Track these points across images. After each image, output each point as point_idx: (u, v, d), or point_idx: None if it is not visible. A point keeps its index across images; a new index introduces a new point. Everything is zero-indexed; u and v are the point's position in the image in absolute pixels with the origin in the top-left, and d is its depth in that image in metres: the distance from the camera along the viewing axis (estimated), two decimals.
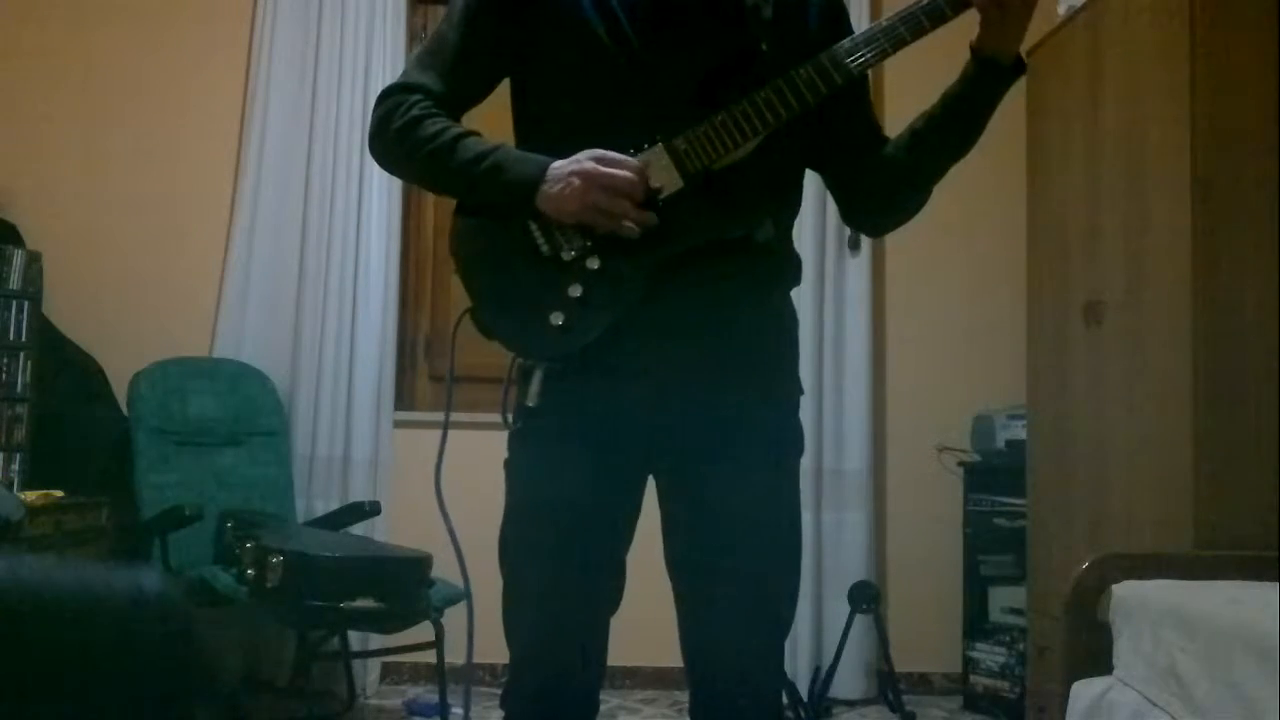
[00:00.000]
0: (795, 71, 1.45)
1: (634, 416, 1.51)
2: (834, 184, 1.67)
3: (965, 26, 1.48)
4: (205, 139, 4.00)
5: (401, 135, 1.52)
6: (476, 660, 1.70)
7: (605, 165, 1.44)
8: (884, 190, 1.61)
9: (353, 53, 3.90)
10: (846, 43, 1.46)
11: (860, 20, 3.85)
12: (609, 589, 1.57)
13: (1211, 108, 2.55)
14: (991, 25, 1.44)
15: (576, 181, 1.43)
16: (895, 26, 1.44)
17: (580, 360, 1.49)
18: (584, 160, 1.45)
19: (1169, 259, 2.62)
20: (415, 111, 1.52)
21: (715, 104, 1.47)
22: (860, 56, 1.45)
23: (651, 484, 1.60)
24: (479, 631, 1.67)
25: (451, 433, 1.63)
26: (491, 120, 1.69)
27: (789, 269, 1.61)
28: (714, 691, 1.56)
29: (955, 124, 1.53)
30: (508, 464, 1.58)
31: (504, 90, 1.63)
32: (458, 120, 1.56)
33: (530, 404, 1.51)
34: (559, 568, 1.52)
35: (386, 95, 1.56)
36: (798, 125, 1.48)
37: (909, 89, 1.84)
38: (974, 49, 1.48)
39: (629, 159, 1.46)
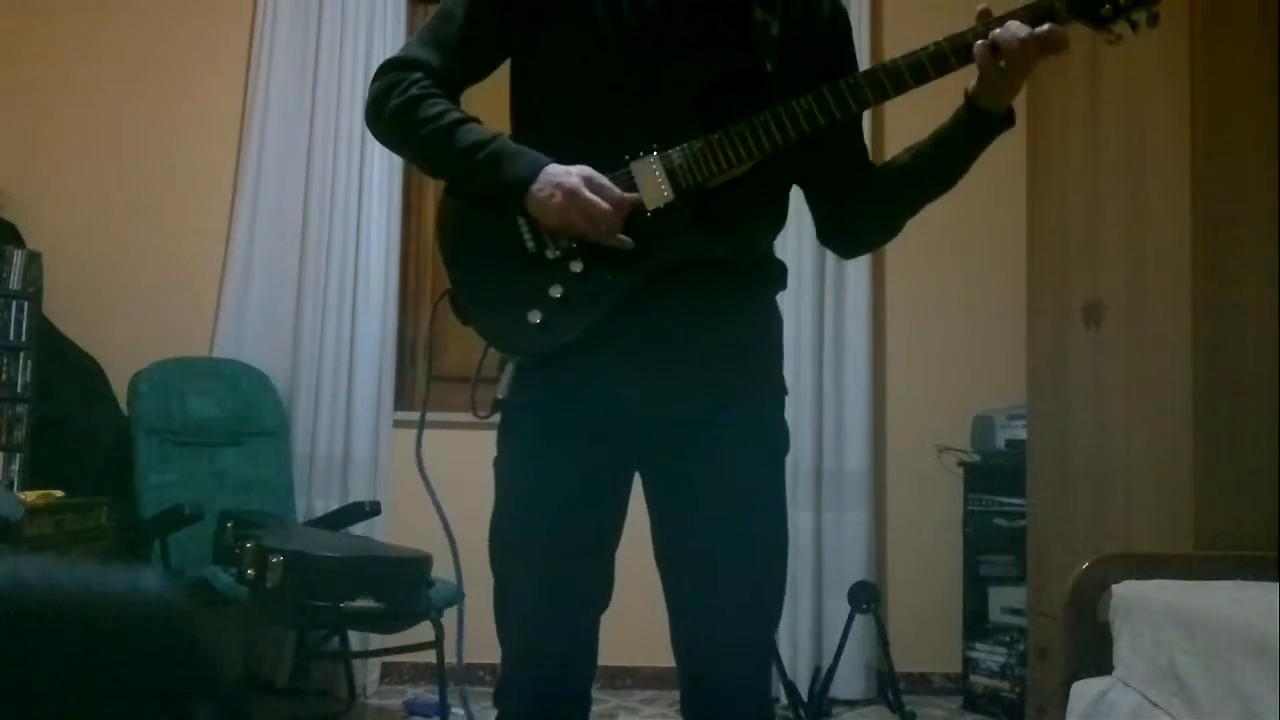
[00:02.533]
0: (797, 101, 1.46)
1: (619, 416, 1.51)
2: (814, 203, 1.68)
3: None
4: (205, 139, 4.00)
5: (399, 114, 1.52)
6: (478, 660, 1.71)
7: (589, 189, 1.44)
8: (861, 216, 1.64)
9: (353, 53, 3.90)
10: (851, 79, 1.47)
11: (859, 32, 3.86)
12: (597, 586, 1.57)
13: (1211, 108, 2.55)
14: (989, 79, 1.46)
15: (558, 195, 1.44)
16: (900, 71, 1.45)
17: (559, 359, 1.49)
18: (573, 176, 1.45)
19: (1169, 259, 2.62)
20: (414, 90, 1.51)
21: (714, 118, 1.47)
22: (862, 95, 1.47)
23: (638, 482, 1.60)
24: (479, 630, 1.67)
25: (444, 431, 1.64)
26: (487, 101, 1.68)
27: (773, 277, 1.62)
28: (703, 687, 1.56)
29: (939, 164, 1.55)
30: (496, 463, 1.59)
31: (501, 73, 1.62)
32: (456, 99, 1.56)
33: (500, 395, 1.53)
34: (546, 566, 1.53)
35: (386, 69, 1.55)
36: (791, 148, 1.49)
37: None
38: (969, 96, 1.50)
39: (614, 189, 1.45)
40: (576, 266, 1.48)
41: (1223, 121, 2.55)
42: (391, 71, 1.54)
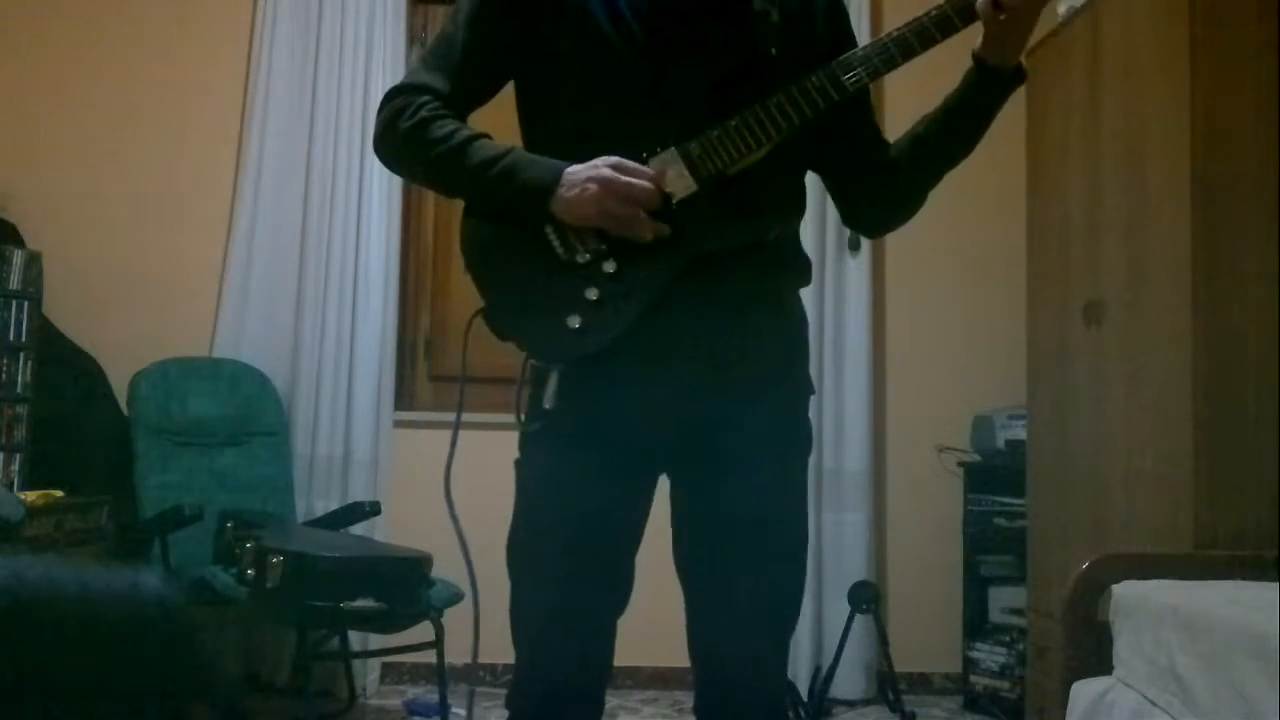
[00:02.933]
0: (808, 78, 1.46)
1: (648, 418, 1.51)
2: (834, 186, 1.68)
3: (970, 32, 1.48)
4: (205, 139, 4.00)
5: (410, 137, 1.51)
6: (477, 660, 1.70)
7: (623, 174, 1.44)
8: (883, 193, 1.63)
9: (353, 53, 3.90)
10: (859, 51, 1.47)
11: (860, 20, 3.86)
12: (616, 590, 1.57)
13: (1211, 108, 2.55)
14: (994, 35, 1.46)
15: (593, 187, 1.43)
16: (905, 37, 1.45)
17: (595, 362, 1.49)
18: (601, 167, 1.45)
19: (1169, 259, 2.62)
20: (424, 113, 1.51)
21: (726, 109, 1.47)
22: (871, 65, 1.46)
23: (659, 484, 1.60)
24: (480, 631, 1.67)
25: (447, 432, 1.63)
26: (496, 120, 1.69)
27: (799, 269, 1.62)
28: (719, 690, 1.56)
29: (955, 130, 1.55)
30: (519, 464, 1.58)
31: (508, 90, 1.63)
32: (464, 120, 1.56)
33: (547, 405, 1.51)
34: (568, 569, 1.52)
35: (393, 95, 1.55)
36: (806, 129, 1.49)
37: (910, 92, 1.85)
38: (976, 57, 1.50)
39: (646, 169, 1.46)
40: (609, 267, 1.48)
41: (1223, 121, 2.55)
42: (398, 97, 1.54)
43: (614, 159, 1.45)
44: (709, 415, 1.52)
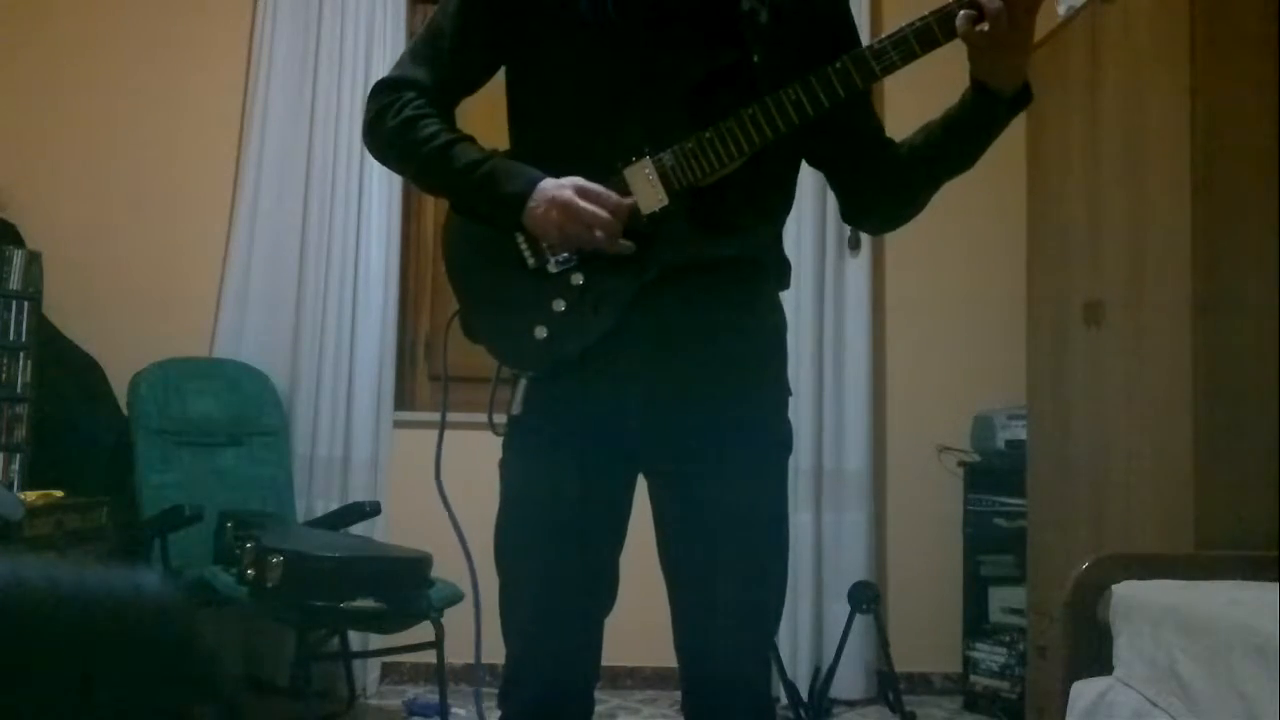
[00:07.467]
0: (784, 91, 1.44)
1: (622, 419, 1.52)
2: (834, 183, 1.67)
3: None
4: (205, 139, 4.00)
5: (395, 136, 1.53)
6: (480, 660, 1.71)
7: (584, 199, 1.43)
8: (881, 194, 1.61)
9: (353, 53, 3.90)
10: (839, 63, 1.44)
11: (860, 20, 3.86)
12: (601, 590, 1.58)
13: (1211, 108, 2.55)
14: (979, 52, 1.41)
15: (554, 211, 1.44)
16: (886, 50, 1.42)
17: (565, 368, 1.50)
18: (566, 189, 1.44)
19: (1169, 259, 2.62)
20: (408, 112, 1.52)
21: (705, 114, 1.46)
22: (850, 80, 1.43)
23: (642, 485, 1.60)
24: (482, 631, 1.67)
25: (451, 432, 1.65)
26: (485, 111, 1.69)
27: (775, 274, 1.61)
28: (705, 689, 1.57)
29: (952, 148, 1.51)
30: (501, 465, 1.60)
31: (497, 82, 1.63)
32: (451, 111, 1.57)
33: (515, 412, 1.54)
34: (550, 569, 1.54)
35: (379, 91, 1.57)
36: (789, 134, 1.47)
37: (911, 92, 1.84)
38: (973, 78, 1.45)
39: (610, 195, 1.45)
40: (578, 279, 1.49)
41: (1223, 121, 2.55)
42: (385, 93, 1.55)
43: (579, 182, 1.44)
44: (682, 417, 1.52)
